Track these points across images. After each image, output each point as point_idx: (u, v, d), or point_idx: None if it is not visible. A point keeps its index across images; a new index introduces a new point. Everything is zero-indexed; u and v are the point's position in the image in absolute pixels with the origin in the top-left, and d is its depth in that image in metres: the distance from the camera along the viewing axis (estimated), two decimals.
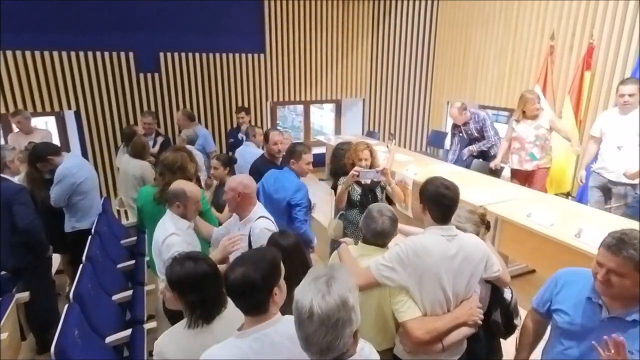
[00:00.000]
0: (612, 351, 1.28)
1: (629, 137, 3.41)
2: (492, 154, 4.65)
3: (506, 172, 4.53)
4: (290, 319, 1.11)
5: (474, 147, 4.73)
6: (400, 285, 1.69)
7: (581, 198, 4.21)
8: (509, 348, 2.27)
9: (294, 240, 1.89)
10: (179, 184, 2.35)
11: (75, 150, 5.54)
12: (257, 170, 3.34)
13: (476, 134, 4.74)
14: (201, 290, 1.48)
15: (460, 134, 4.87)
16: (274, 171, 3.07)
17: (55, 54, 5.13)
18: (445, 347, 1.71)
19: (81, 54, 5.26)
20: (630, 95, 3.38)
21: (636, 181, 3.36)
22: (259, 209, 2.44)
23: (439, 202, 1.74)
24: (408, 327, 1.67)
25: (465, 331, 1.77)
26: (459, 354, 1.83)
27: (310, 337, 0.99)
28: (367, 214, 1.94)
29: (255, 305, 1.30)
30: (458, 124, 4.82)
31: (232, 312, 1.50)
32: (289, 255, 1.69)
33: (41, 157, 3.14)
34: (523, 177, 4.28)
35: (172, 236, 2.19)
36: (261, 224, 2.31)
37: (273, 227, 2.32)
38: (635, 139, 3.36)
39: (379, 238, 1.89)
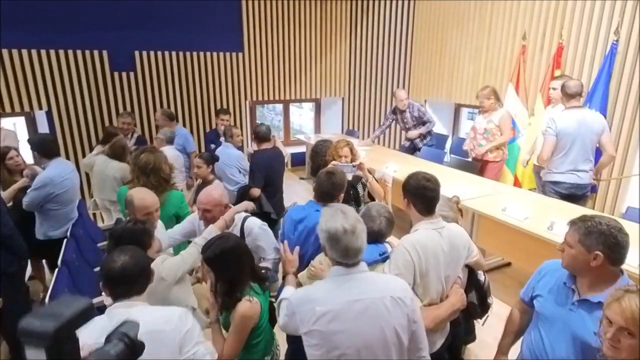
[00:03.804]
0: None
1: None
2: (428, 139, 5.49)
3: None
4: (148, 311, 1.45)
5: (414, 132, 5.37)
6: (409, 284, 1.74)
7: None
8: (483, 336, 2.35)
9: (234, 242, 1.84)
10: (130, 192, 2.30)
11: None
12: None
13: (412, 122, 5.40)
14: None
15: (399, 120, 5.51)
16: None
17: (25, 52, 4.95)
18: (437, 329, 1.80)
19: (52, 52, 5.09)
20: (554, 89, 3.93)
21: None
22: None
23: (423, 195, 1.80)
24: None
25: (454, 315, 1.87)
26: (445, 335, 1.92)
27: (350, 245, 1.40)
28: (365, 211, 1.95)
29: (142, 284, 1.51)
30: (402, 109, 5.37)
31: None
32: (231, 256, 1.76)
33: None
34: (481, 167, 4.58)
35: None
36: (257, 222, 2.30)
37: (264, 224, 2.33)
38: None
39: (373, 238, 1.88)
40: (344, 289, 1.40)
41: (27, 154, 3.62)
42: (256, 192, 3.43)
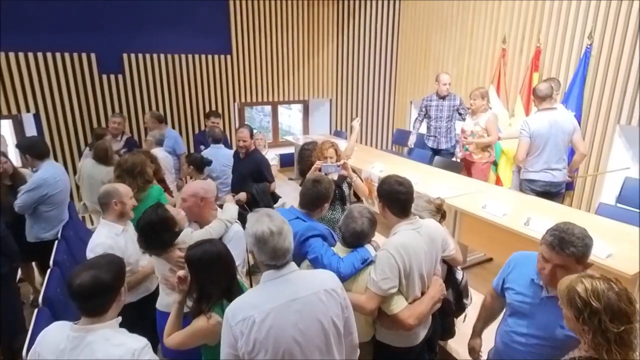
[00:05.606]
0: None
1: None
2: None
3: None
4: (111, 333, 1.41)
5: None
6: (395, 286, 1.80)
7: None
8: (467, 331, 2.46)
9: (217, 251, 1.75)
10: (110, 185, 2.46)
11: None
12: None
13: (447, 113, 5.03)
14: None
15: (432, 111, 5.10)
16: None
17: (12, 55, 4.94)
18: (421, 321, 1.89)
19: (39, 54, 5.09)
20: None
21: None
22: (222, 214, 2.36)
23: (396, 199, 1.86)
24: (400, 318, 1.79)
25: (436, 306, 1.96)
26: (427, 327, 2.02)
27: (277, 246, 1.41)
28: (347, 213, 1.93)
29: (100, 305, 1.43)
30: (443, 95, 5.01)
31: None
32: (210, 264, 1.70)
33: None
34: (467, 166, 4.71)
35: (98, 246, 2.21)
36: (236, 228, 2.26)
37: (241, 231, 2.28)
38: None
39: (356, 239, 1.90)
40: (278, 291, 1.41)
41: (14, 158, 3.64)
42: (274, 186, 3.87)
